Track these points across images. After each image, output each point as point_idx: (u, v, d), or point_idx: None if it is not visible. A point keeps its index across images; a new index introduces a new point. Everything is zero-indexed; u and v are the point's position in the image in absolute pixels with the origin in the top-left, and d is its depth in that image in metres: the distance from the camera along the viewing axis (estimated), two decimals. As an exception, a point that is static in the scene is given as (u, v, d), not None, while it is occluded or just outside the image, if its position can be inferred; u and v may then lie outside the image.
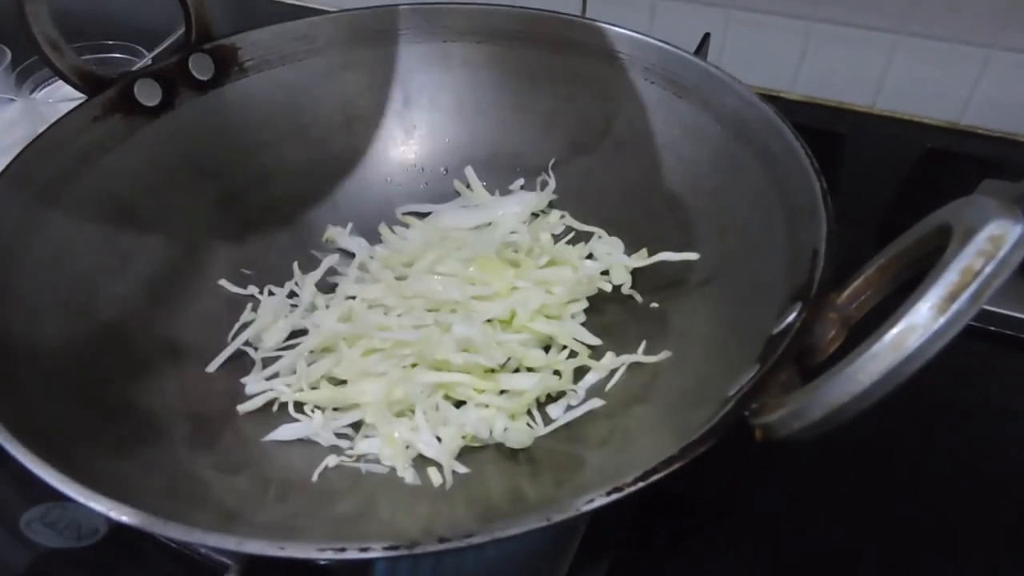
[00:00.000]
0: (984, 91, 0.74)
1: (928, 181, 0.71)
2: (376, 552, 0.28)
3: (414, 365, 0.48)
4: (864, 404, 0.27)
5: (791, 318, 0.35)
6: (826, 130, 0.77)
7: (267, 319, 0.51)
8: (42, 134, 0.48)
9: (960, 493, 0.48)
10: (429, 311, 0.51)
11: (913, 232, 0.32)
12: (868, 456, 0.49)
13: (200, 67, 0.56)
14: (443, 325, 0.49)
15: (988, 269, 0.25)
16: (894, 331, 0.26)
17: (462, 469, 0.44)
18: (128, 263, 0.50)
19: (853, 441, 0.47)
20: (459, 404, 0.47)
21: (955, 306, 0.25)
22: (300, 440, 0.46)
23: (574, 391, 0.48)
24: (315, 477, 0.43)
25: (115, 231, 0.50)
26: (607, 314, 0.52)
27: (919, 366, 0.26)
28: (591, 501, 0.29)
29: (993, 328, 0.56)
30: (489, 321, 0.50)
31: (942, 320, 0.25)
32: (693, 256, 0.50)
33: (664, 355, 0.47)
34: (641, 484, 0.30)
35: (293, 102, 0.59)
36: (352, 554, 0.28)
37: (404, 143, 0.62)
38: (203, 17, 0.55)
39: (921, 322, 0.26)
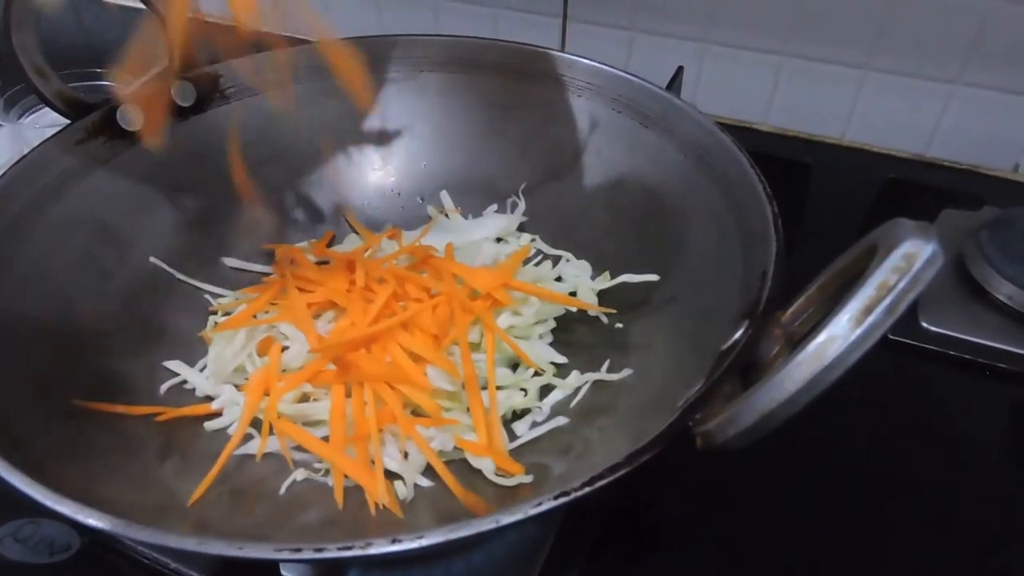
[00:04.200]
0: (948, 125, 0.76)
1: (892, 210, 0.72)
2: (331, 552, 0.29)
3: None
4: (791, 410, 0.29)
5: (738, 335, 0.37)
6: (797, 161, 0.79)
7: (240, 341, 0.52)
8: (26, 155, 0.50)
9: (919, 514, 0.49)
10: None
11: (848, 253, 0.34)
12: (825, 478, 0.50)
13: (182, 94, 0.58)
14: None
15: (902, 284, 0.27)
16: (816, 341, 0.28)
17: (426, 483, 0.45)
18: (106, 280, 0.52)
19: (811, 463, 0.49)
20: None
21: (871, 318, 0.27)
22: (269, 453, 0.47)
23: (539, 408, 0.49)
24: (283, 490, 0.44)
25: (94, 250, 0.52)
26: (574, 333, 0.54)
27: (839, 374, 0.28)
28: (539, 504, 0.31)
29: (953, 352, 0.57)
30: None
31: (859, 331, 0.27)
32: (653, 277, 0.52)
33: (626, 373, 0.49)
34: (588, 489, 0.31)
35: (272, 129, 0.61)
36: (308, 555, 0.29)
37: (381, 168, 0.64)
38: (186, 46, 0.57)
39: (841, 333, 0.27)
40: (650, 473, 0.32)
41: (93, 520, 0.31)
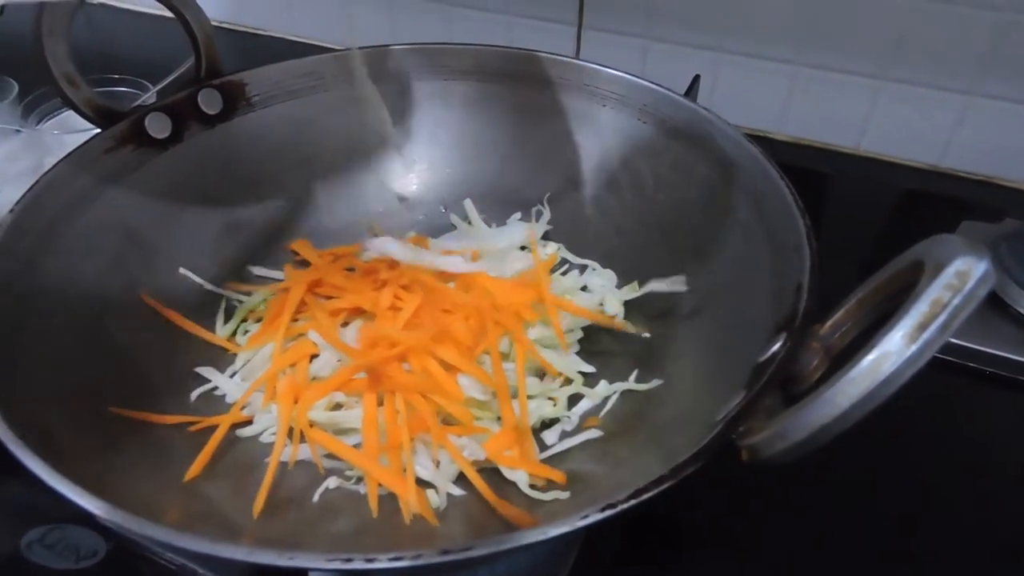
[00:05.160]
0: (964, 135, 0.77)
1: (910, 221, 0.73)
2: (382, 563, 0.30)
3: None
4: (842, 426, 0.29)
5: (776, 347, 0.37)
6: (812, 170, 0.79)
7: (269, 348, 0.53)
8: (56, 164, 0.50)
9: (938, 526, 0.49)
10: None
11: (889, 267, 0.34)
12: (848, 487, 0.50)
13: (209, 102, 0.58)
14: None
15: (955, 301, 0.27)
16: (870, 357, 0.28)
17: (458, 491, 0.45)
18: (135, 287, 0.52)
19: (834, 472, 0.49)
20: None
21: (925, 335, 0.27)
22: (301, 460, 0.47)
23: (568, 417, 0.50)
24: (316, 497, 0.45)
25: (123, 257, 0.52)
26: (601, 343, 0.54)
27: (893, 390, 0.28)
28: (586, 516, 0.31)
29: (974, 365, 0.58)
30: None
31: (913, 348, 0.27)
32: (682, 287, 0.52)
33: (655, 383, 0.49)
34: (633, 501, 0.31)
35: (298, 136, 0.61)
36: (358, 564, 0.30)
37: (404, 176, 0.64)
38: (212, 53, 0.57)
39: (895, 349, 0.28)
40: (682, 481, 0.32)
41: (147, 531, 0.31)
